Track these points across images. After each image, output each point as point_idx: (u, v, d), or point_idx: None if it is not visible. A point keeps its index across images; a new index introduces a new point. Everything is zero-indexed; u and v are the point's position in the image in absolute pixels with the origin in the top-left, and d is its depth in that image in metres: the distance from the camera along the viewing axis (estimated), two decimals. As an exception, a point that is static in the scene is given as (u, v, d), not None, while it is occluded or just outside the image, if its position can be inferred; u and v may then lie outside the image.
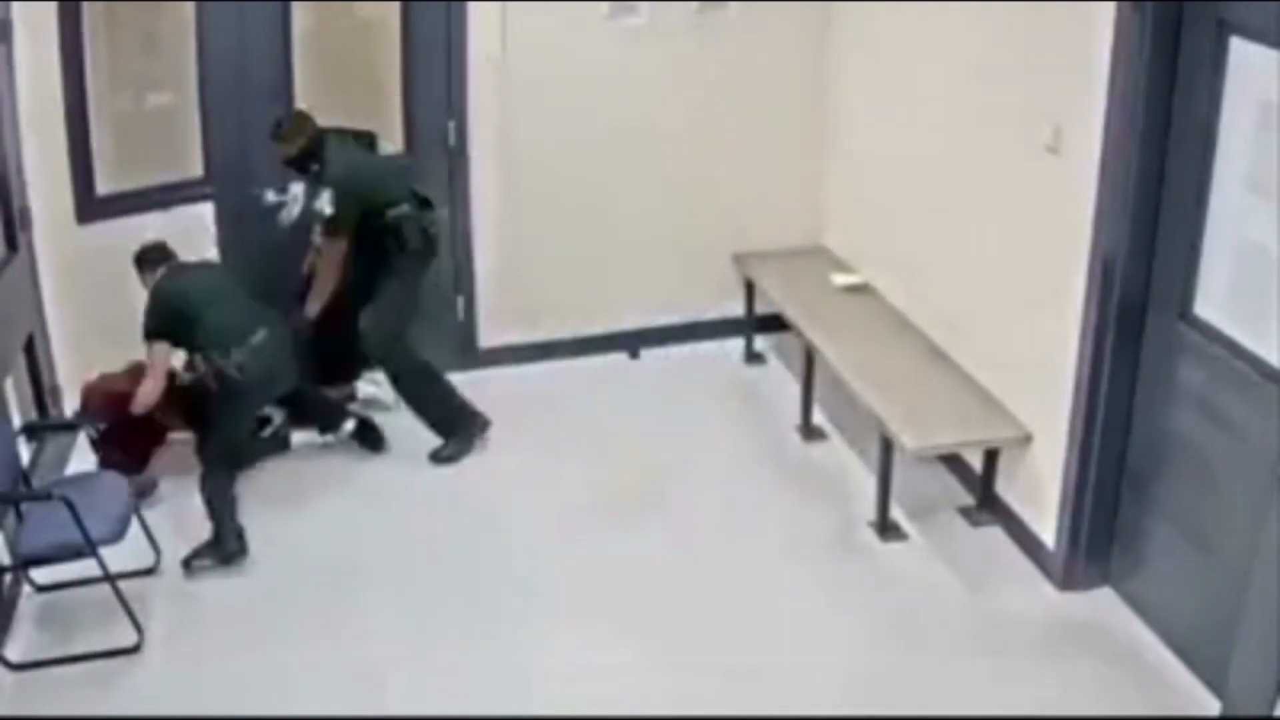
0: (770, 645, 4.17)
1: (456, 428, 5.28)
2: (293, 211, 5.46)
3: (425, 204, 5.23)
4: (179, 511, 4.81)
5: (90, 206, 5.17)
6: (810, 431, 5.45)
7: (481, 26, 5.49)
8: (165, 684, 4.00)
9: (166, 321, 4.71)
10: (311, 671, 4.04)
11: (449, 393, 5.31)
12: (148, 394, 4.72)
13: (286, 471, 5.14)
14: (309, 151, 5.00)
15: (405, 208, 5.10)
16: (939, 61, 5.00)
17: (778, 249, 6.04)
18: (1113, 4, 3.82)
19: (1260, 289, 3.57)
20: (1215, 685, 3.77)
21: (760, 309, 5.99)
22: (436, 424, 5.28)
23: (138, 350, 4.80)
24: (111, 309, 4.97)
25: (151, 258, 4.84)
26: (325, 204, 4.97)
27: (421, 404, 5.29)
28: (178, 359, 4.91)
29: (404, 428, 5.41)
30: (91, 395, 4.94)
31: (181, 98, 5.36)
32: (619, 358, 6.13)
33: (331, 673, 4.04)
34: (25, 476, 4.39)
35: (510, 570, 4.57)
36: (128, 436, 4.88)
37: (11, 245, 4.82)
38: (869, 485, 4.86)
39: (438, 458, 5.24)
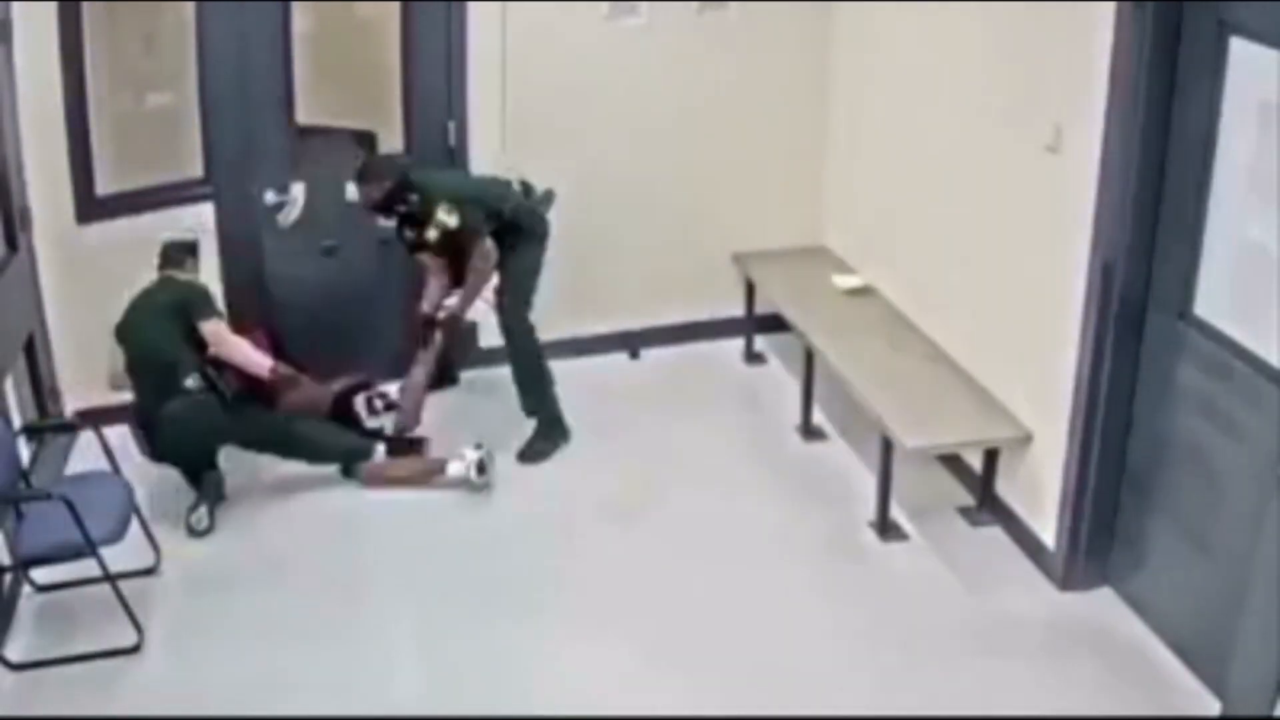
0: (770, 645, 4.16)
1: (545, 412, 5.30)
2: (292, 212, 5.48)
3: (528, 190, 5.33)
4: (179, 512, 4.81)
5: (90, 206, 5.17)
6: (810, 431, 5.44)
7: (481, 26, 5.49)
8: (165, 684, 4.00)
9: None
10: (311, 671, 4.04)
11: (549, 380, 5.34)
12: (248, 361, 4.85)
13: (286, 471, 5.13)
14: (395, 194, 5.06)
15: (518, 196, 5.26)
16: (939, 61, 5.00)
17: (778, 249, 6.04)
18: (1113, 4, 3.82)
19: (1260, 289, 3.57)
20: (1215, 685, 3.77)
21: (760, 309, 5.99)
22: (525, 392, 5.28)
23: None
24: (112, 309, 4.94)
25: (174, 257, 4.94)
26: (448, 220, 5.02)
27: (524, 374, 5.28)
28: None
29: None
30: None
31: (181, 98, 5.36)
32: (619, 358, 6.12)
33: (331, 673, 4.04)
34: (25, 476, 4.39)
35: (510, 570, 4.56)
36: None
37: (11, 245, 4.82)
38: (869, 485, 4.86)
39: (524, 456, 5.24)
